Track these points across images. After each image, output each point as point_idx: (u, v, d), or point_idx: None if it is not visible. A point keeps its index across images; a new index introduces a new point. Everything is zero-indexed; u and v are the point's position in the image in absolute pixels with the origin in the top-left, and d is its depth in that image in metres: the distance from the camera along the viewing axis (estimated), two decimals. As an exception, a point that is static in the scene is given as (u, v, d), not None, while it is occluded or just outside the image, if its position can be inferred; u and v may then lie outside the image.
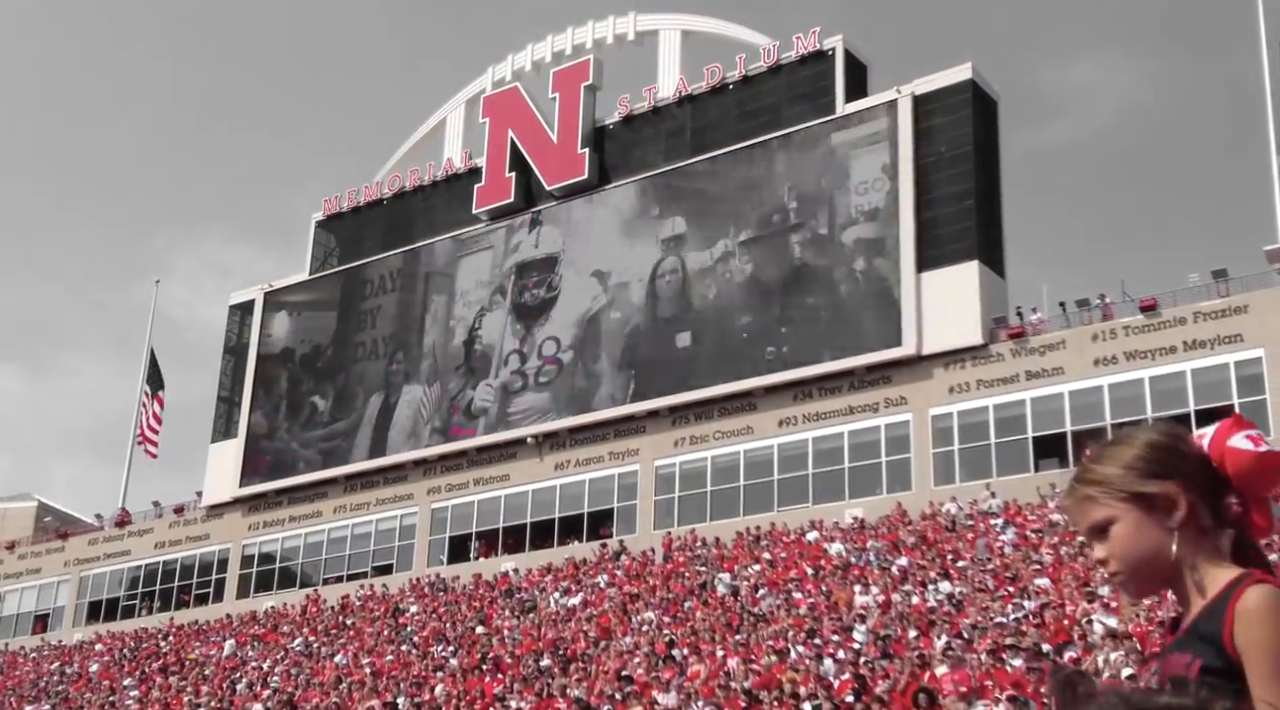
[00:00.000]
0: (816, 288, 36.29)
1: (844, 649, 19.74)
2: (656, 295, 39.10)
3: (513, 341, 41.44)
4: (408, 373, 43.57)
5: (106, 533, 49.72)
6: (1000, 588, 22.19)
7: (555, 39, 44.10)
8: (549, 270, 41.43)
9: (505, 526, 40.34)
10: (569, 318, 40.53)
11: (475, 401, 41.53)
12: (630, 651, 23.59)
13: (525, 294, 41.66)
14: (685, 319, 38.41)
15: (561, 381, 39.99)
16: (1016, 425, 32.75)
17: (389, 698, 23.83)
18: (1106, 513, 2.26)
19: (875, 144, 36.46)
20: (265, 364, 47.31)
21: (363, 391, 44.54)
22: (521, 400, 40.61)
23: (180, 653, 37.37)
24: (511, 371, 41.04)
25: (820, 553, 29.11)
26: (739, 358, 36.90)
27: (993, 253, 34.97)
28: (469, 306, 42.99)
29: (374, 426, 43.48)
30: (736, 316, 37.39)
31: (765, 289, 37.19)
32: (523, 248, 42.26)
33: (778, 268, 37.19)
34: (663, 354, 38.36)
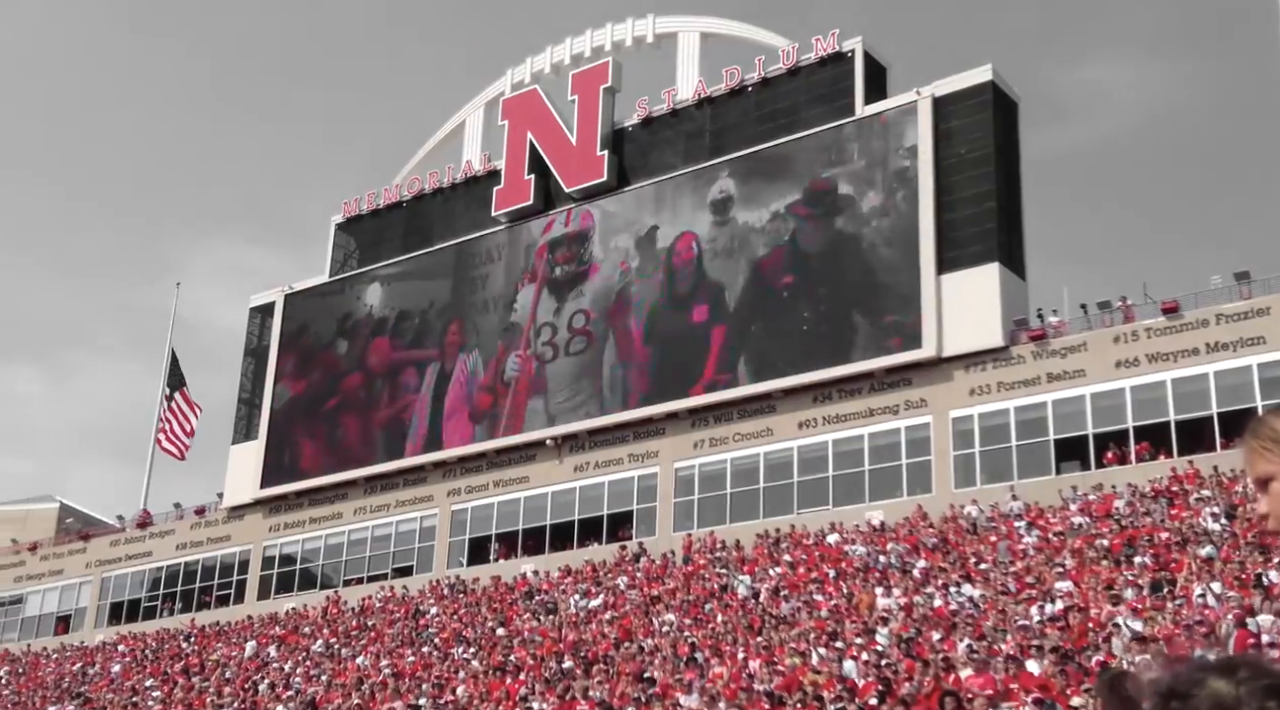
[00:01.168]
0: (835, 287, 36.26)
1: (867, 651, 19.72)
2: (673, 272, 39.14)
3: (544, 314, 41.45)
4: (445, 344, 43.32)
5: (128, 534, 49.96)
6: (1023, 590, 22.14)
7: (574, 41, 44.17)
8: (580, 245, 41.45)
9: (525, 528, 40.41)
10: (598, 291, 40.50)
11: (506, 371, 41.52)
12: (651, 653, 23.61)
13: (556, 269, 41.70)
14: (701, 295, 38.42)
15: (591, 352, 39.90)
16: (1038, 428, 32.67)
17: (412, 699, 23.89)
18: (1271, 468, 2.26)
19: (894, 146, 36.41)
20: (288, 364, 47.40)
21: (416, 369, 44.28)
22: (553, 369, 40.50)
23: (202, 654, 37.52)
24: (543, 343, 41.08)
25: (841, 555, 29.10)
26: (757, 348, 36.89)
27: (1013, 254, 34.89)
28: (506, 281, 42.82)
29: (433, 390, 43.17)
30: (756, 308, 37.34)
31: (785, 284, 37.14)
32: (555, 226, 42.25)
33: (798, 263, 37.16)
34: (681, 329, 38.35)
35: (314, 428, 45.97)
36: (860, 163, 36.93)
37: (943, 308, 34.09)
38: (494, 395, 41.72)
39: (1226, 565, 20.35)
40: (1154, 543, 23.28)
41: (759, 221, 38.17)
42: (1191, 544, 22.38)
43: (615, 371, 39.48)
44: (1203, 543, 22.22)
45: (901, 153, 36.18)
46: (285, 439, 46.39)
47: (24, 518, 55.88)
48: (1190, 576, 20.26)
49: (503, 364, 41.81)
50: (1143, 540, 23.57)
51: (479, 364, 42.49)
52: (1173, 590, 19.76)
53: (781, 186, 38.13)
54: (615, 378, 39.49)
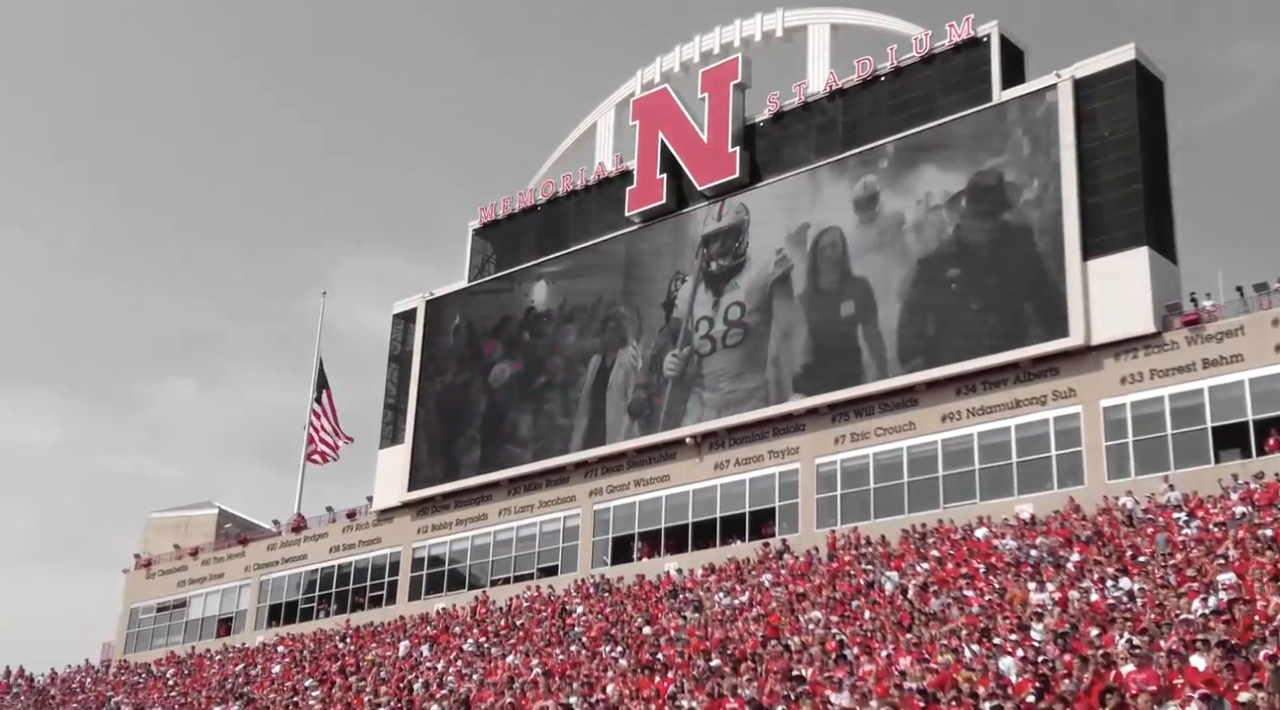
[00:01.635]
0: (978, 277, 35.59)
1: (1022, 647, 19.31)
2: (818, 267, 38.77)
3: (702, 309, 41.46)
4: (622, 339, 43.60)
5: (284, 538, 51.53)
6: (1183, 583, 21.44)
7: (703, 39, 44.18)
8: (735, 239, 41.38)
9: (667, 527, 40.57)
10: (753, 282, 40.39)
11: (665, 369, 41.71)
12: (799, 651, 23.46)
13: (712, 263, 41.70)
14: (849, 281, 38.01)
15: (749, 344, 39.81)
16: (1194, 415, 31.60)
17: (562, 698, 24.13)
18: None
19: (1034, 130, 35.58)
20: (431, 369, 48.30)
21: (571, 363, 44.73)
22: (712, 362, 40.52)
23: (357, 654, 38.47)
24: (700, 336, 41.10)
25: (990, 550, 28.56)
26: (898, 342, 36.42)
27: (1163, 238, 33.81)
28: (663, 278, 42.96)
29: (591, 390, 43.59)
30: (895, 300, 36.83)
31: (926, 274, 36.57)
32: (708, 221, 42.27)
33: (938, 254, 36.56)
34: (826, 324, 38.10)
35: (457, 431, 46.76)
36: (999, 149, 36.15)
37: (1090, 295, 33.22)
38: (648, 393, 41.81)
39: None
40: (1323, 532, 22.33)
41: (902, 215, 37.56)
42: (1364, 533, 21.41)
43: (772, 365, 39.23)
44: (1376, 532, 21.24)
45: (1042, 137, 35.33)
46: (430, 442, 47.31)
47: (185, 524, 58.00)
48: (1364, 567, 19.39)
49: (660, 360, 41.94)
50: (1310, 530, 22.63)
51: (637, 362, 42.57)
52: (1346, 581, 18.93)
53: (921, 178, 37.53)
54: (771, 372, 39.19)
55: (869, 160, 38.78)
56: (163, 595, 54.19)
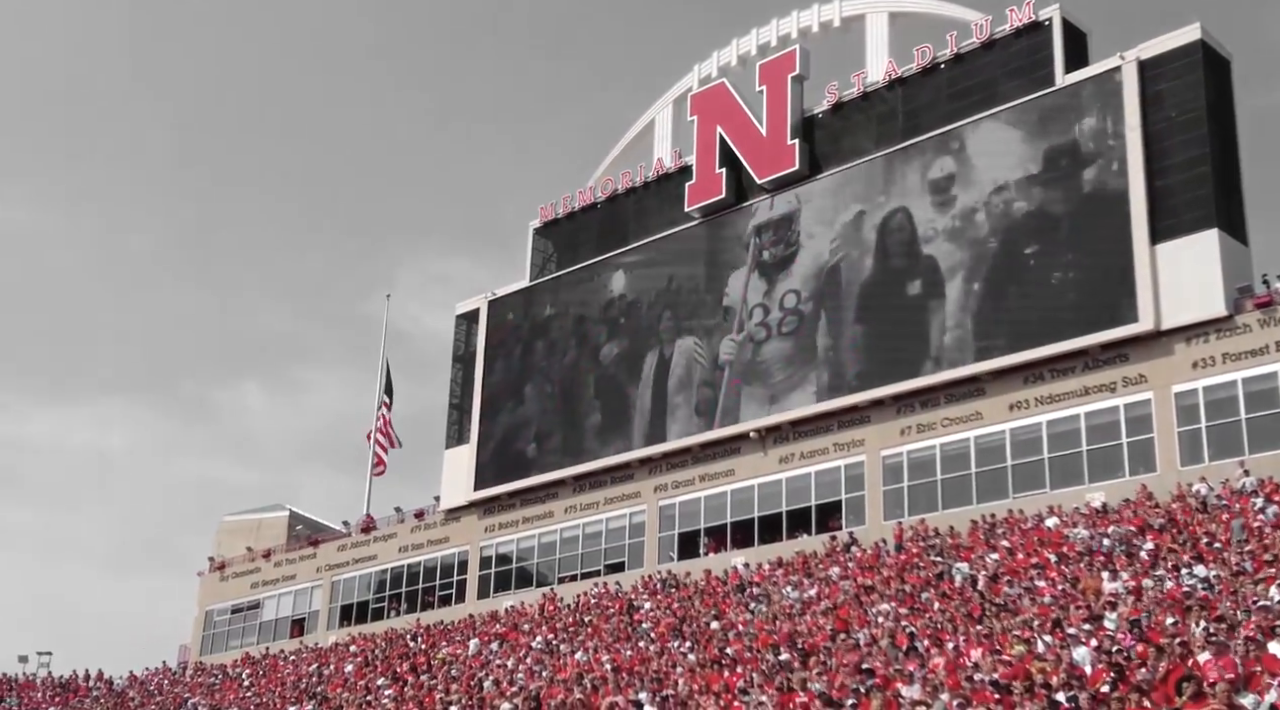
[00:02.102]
0: (1047, 263, 35.12)
1: (1096, 637, 19.03)
2: (887, 250, 38.46)
3: (755, 296, 41.38)
4: (678, 329, 43.65)
5: (354, 538, 52.08)
6: (1260, 569, 21.03)
7: (760, 32, 44.00)
8: (787, 227, 41.25)
9: (732, 522, 40.49)
10: (808, 270, 40.24)
11: (720, 356, 41.68)
12: (869, 644, 23.31)
13: (765, 252, 41.59)
14: (914, 270, 37.67)
15: (804, 331, 39.68)
16: (1269, 399, 30.97)
17: (632, 694, 24.15)
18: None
19: (1099, 114, 35.06)
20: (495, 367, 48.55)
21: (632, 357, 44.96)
22: (767, 349, 40.46)
23: (428, 652, 38.77)
24: (756, 324, 41.02)
25: (1061, 539, 28.19)
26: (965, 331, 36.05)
27: (1233, 219, 33.17)
28: (717, 270, 42.98)
29: (653, 386, 43.67)
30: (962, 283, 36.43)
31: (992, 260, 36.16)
32: (759, 211, 42.17)
33: (1004, 240, 36.14)
34: (891, 308, 37.81)
35: (522, 430, 46.98)
36: (1065, 133, 35.65)
37: (1159, 279, 32.68)
38: (712, 387, 41.78)
39: None
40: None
41: (969, 198, 37.13)
42: None
43: (829, 353, 39.03)
44: None
45: (1108, 120, 34.79)
46: (496, 442, 47.57)
47: (257, 527, 58.85)
48: None
49: (716, 349, 41.89)
50: (1393, 514, 22.10)
51: (697, 354, 42.56)
52: None
53: (987, 162, 37.10)
54: (828, 359, 39.00)
55: (930, 148, 38.39)
56: (237, 597, 54.99)
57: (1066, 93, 35.87)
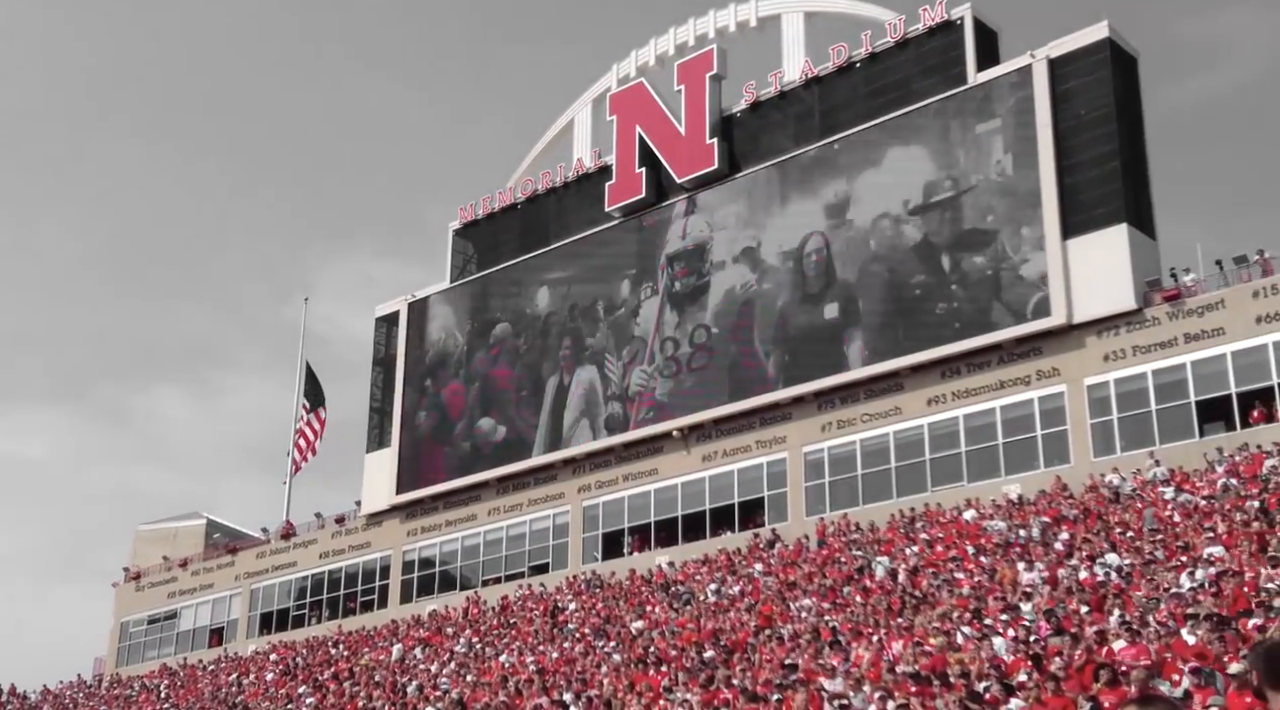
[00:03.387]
0: (960, 261, 35.57)
1: (1014, 628, 19.30)
2: (804, 272, 38.72)
3: (667, 329, 41.49)
4: (578, 356, 43.70)
5: (273, 546, 51.33)
6: (1172, 558, 21.48)
7: (677, 31, 44.08)
8: (699, 259, 41.38)
9: (656, 521, 40.51)
10: (719, 304, 40.39)
11: (631, 386, 41.74)
12: (792, 639, 23.44)
13: (677, 283, 41.69)
14: (831, 292, 37.97)
15: (715, 366, 39.85)
16: (1178, 390, 31.67)
17: (556, 695, 24.07)
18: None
19: (1010, 112, 35.59)
20: (415, 370, 48.22)
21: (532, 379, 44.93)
22: (676, 384, 40.60)
23: (351, 659, 38.34)
24: (666, 358, 41.12)
25: (979, 531, 28.57)
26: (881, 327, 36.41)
27: (1142, 214, 33.85)
28: (627, 294, 43.03)
29: (550, 411, 43.68)
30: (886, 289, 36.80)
31: (911, 262, 36.58)
32: (671, 240, 42.26)
33: (922, 239, 36.55)
34: (811, 329, 37.98)
35: (443, 432, 46.66)
36: (975, 133, 36.15)
37: (1070, 273, 33.24)
38: (621, 404, 41.86)
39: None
40: (1309, 502, 22.37)
41: (879, 206, 37.51)
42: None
43: (742, 381, 39.21)
44: (1362, 500, 21.29)
45: (1018, 119, 35.33)
46: (417, 445, 47.19)
47: (173, 535, 57.80)
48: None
49: (628, 376, 41.95)
50: (1296, 500, 22.67)
51: (602, 373, 42.67)
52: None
53: (900, 164, 37.49)
54: (742, 386, 39.18)
55: (846, 148, 38.71)
56: (153, 607, 53.96)
57: (979, 91, 36.36)
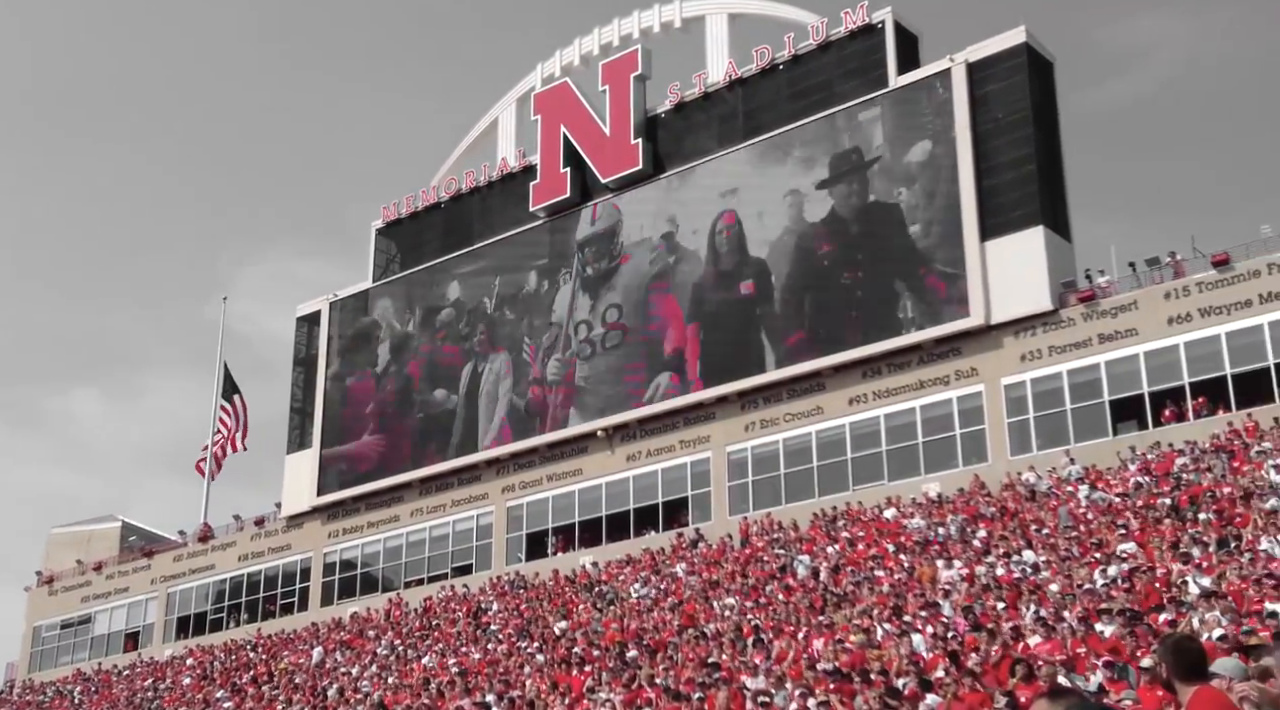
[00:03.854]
0: (878, 261, 35.95)
1: (931, 624, 19.54)
2: (716, 250, 38.97)
3: (580, 312, 41.49)
4: (492, 344, 43.57)
5: (190, 548, 50.55)
6: (1086, 554, 21.87)
7: (602, 31, 44.07)
8: (610, 241, 41.45)
9: (580, 521, 40.46)
10: (629, 283, 40.49)
11: (548, 375, 41.68)
12: (715, 637, 23.54)
13: (588, 268, 41.71)
14: (746, 270, 38.22)
15: (629, 346, 39.93)
16: (1092, 390, 32.27)
17: (479, 696, 23.95)
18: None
19: (931, 114, 36.04)
20: (337, 371, 47.76)
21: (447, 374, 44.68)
22: (591, 366, 40.64)
23: (270, 663, 37.85)
24: (580, 340, 41.13)
25: (899, 529, 28.90)
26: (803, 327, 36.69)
27: (1057, 217, 34.44)
28: (542, 283, 42.98)
29: (464, 404, 43.49)
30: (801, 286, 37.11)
31: (828, 257, 36.89)
32: (581, 225, 42.29)
33: (838, 236, 36.89)
34: (726, 308, 38.23)
35: (365, 433, 46.23)
36: (897, 133, 36.56)
37: (989, 275, 33.73)
38: (541, 396, 41.80)
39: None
40: (1217, 498, 22.92)
41: (798, 202, 37.85)
42: (1255, 497, 22.00)
43: (658, 359, 39.39)
44: (1267, 496, 21.84)
45: (938, 121, 35.78)
46: (339, 446, 46.70)
47: (88, 539, 56.62)
48: (1256, 530, 19.92)
49: (545, 367, 41.90)
50: (1205, 497, 23.22)
51: (521, 364, 42.60)
52: (1240, 545, 19.43)
53: (818, 164, 37.81)
54: (659, 364, 39.38)
55: (768, 150, 38.95)
56: (66, 612, 52.86)
57: (900, 94, 36.76)
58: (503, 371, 43.13)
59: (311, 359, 48.68)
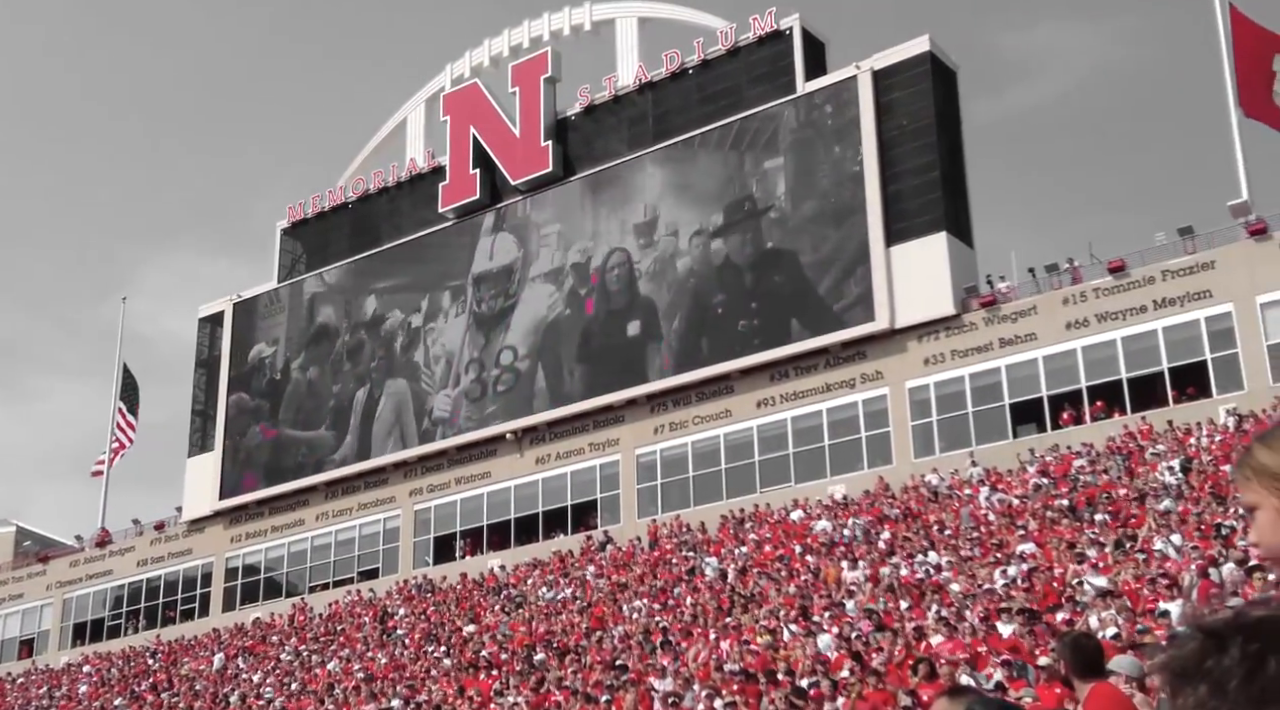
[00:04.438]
0: (786, 268, 36.31)
1: (837, 625, 19.77)
2: (607, 288, 39.16)
3: (471, 351, 41.45)
4: (389, 369, 43.37)
5: (87, 553, 49.40)
6: (987, 555, 22.28)
7: (512, 33, 43.95)
8: (505, 280, 41.45)
9: (489, 524, 40.29)
10: (526, 325, 40.52)
11: (435, 410, 41.60)
12: (623, 640, 23.59)
13: (483, 305, 41.68)
14: (634, 309, 38.48)
15: (520, 389, 40.01)
16: (993, 393, 32.91)
17: (385, 701, 23.75)
18: (1255, 498, 2.16)
19: (836, 122, 36.48)
20: (241, 373, 47.04)
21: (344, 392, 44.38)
22: (482, 406, 40.66)
23: (170, 670, 37.14)
24: (471, 380, 41.09)
25: (805, 531, 29.19)
26: (711, 340, 36.93)
27: (960, 223, 35.08)
28: (431, 315, 42.94)
29: (359, 426, 43.25)
30: (707, 299, 37.40)
31: (735, 271, 37.20)
32: (478, 260, 42.24)
33: (747, 250, 37.20)
34: (615, 346, 38.43)
35: (270, 435, 45.56)
36: (802, 140, 36.95)
37: (893, 279, 34.23)
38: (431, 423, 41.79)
39: (1186, 517, 20.56)
40: (1114, 499, 23.50)
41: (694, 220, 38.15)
42: (1150, 498, 22.60)
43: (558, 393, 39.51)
44: (1161, 497, 22.44)
45: (844, 127, 36.24)
46: (242, 449, 45.97)
47: (-20, 543, 55.02)
48: (1151, 530, 20.45)
49: (430, 402, 41.78)
50: (1102, 498, 23.79)
51: (410, 390, 42.51)
52: (1135, 545, 19.94)
53: (726, 165, 38.09)
54: (554, 379, 39.48)
55: (675, 156, 39.14)
56: (-42, 619, 51.31)
57: (806, 100, 37.17)
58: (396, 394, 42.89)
59: (214, 360, 47.86)
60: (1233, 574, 15.98)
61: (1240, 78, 32.22)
